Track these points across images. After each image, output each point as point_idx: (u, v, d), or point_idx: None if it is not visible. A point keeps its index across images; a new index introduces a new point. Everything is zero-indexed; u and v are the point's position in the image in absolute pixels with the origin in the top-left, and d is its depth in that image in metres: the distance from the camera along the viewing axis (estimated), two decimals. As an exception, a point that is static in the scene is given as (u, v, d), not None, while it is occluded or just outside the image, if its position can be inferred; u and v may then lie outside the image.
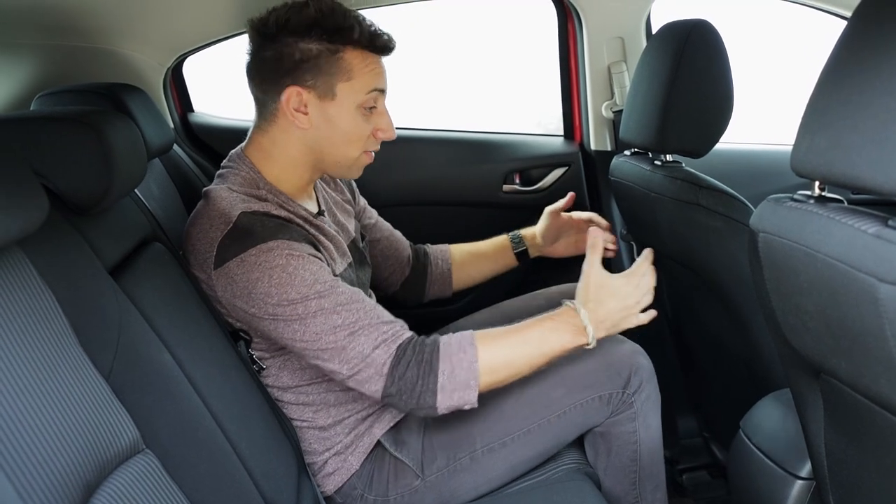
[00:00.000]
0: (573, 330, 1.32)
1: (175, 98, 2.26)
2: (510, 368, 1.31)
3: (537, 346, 1.31)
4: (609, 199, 2.23)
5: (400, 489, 1.41)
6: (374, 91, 1.36)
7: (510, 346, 1.31)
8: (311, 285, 1.25)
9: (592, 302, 1.34)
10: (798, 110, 0.89)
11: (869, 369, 0.82)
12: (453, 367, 1.26)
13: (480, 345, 1.29)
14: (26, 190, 0.85)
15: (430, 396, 1.25)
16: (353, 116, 1.36)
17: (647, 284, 1.38)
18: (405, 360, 1.25)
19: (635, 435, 1.45)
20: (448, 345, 1.28)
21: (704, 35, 1.47)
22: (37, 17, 1.57)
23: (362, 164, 1.44)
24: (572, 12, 2.15)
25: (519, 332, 1.33)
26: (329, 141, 1.37)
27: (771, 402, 1.34)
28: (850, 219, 0.79)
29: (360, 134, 1.38)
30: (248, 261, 1.25)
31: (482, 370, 1.27)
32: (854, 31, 0.82)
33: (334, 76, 1.33)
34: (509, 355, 1.30)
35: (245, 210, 1.29)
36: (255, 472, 1.18)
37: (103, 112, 1.21)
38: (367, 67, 1.34)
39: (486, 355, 1.28)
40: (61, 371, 0.87)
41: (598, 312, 1.33)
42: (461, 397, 1.27)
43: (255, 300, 1.25)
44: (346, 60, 1.32)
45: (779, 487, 1.21)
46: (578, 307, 1.33)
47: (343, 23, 1.31)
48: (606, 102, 2.19)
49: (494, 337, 1.32)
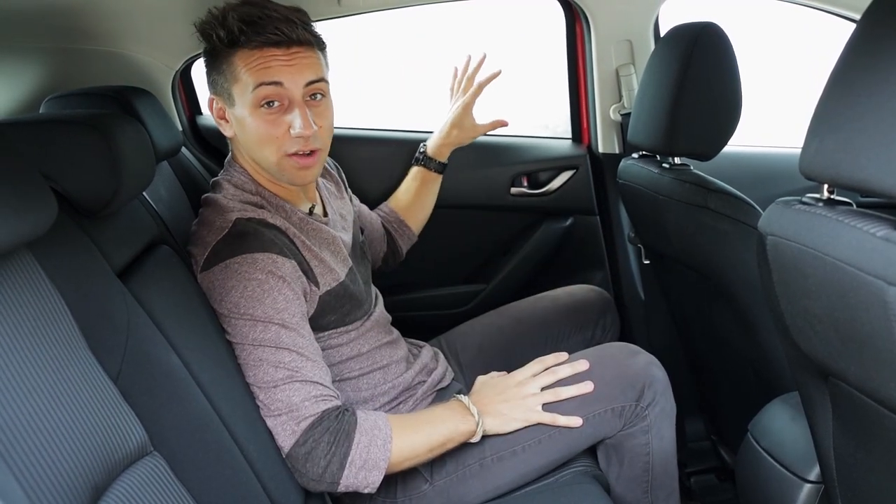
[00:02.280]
0: (462, 416, 1.37)
1: (183, 101, 2.26)
2: (413, 455, 1.32)
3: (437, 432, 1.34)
4: (617, 202, 2.23)
5: (408, 492, 1.41)
6: (262, 86, 1.28)
7: (417, 431, 1.33)
8: (280, 312, 1.26)
9: (476, 395, 1.44)
10: (807, 113, 0.89)
11: (878, 372, 0.81)
12: (369, 442, 1.26)
13: (393, 425, 1.30)
14: (35, 193, 0.85)
15: (336, 468, 1.24)
16: (253, 118, 1.31)
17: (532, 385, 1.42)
18: (324, 425, 1.24)
19: (648, 447, 1.44)
20: (365, 419, 1.28)
21: (713, 38, 1.47)
22: (46, 20, 1.57)
23: (293, 169, 1.35)
24: (580, 15, 2.15)
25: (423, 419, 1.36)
26: (249, 146, 1.36)
27: (779, 405, 1.34)
28: (858, 222, 0.79)
29: (266, 135, 1.32)
30: (231, 268, 1.26)
31: (392, 449, 1.27)
32: (863, 33, 0.81)
33: (228, 80, 1.32)
34: (415, 442, 1.32)
35: (241, 216, 1.31)
36: (262, 474, 1.18)
37: (112, 115, 1.21)
38: (250, 64, 1.29)
39: (397, 439, 1.29)
40: (70, 373, 0.87)
41: (481, 403, 1.40)
42: (365, 477, 1.25)
43: (226, 306, 1.27)
44: (233, 62, 1.30)
45: (787, 491, 1.21)
46: (465, 398, 1.40)
47: (220, 26, 1.29)
48: (614, 105, 2.19)
49: (404, 421, 1.34)
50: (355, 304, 1.46)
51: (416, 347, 1.68)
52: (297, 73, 1.30)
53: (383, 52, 3.49)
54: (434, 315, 2.29)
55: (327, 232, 1.44)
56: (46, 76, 1.79)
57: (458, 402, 1.39)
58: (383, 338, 1.55)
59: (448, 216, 2.30)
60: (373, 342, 1.51)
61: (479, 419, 1.36)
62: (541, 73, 3.50)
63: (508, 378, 1.45)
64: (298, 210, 1.42)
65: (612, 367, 1.43)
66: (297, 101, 1.31)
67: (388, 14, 2.17)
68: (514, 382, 1.43)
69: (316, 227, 1.43)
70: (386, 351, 1.54)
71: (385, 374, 1.52)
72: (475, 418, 1.36)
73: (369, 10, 2.10)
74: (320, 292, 1.37)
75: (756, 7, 2.72)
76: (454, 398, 1.41)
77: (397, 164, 2.13)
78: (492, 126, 1.88)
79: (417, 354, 1.64)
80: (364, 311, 1.50)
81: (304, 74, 1.31)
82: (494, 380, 1.48)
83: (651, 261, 2.04)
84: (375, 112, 3.43)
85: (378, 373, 1.51)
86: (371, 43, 2.52)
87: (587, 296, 1.84)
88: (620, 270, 2.27)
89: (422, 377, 1.58)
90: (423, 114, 3.79)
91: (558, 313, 1.79)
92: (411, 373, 1.56)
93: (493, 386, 1.45)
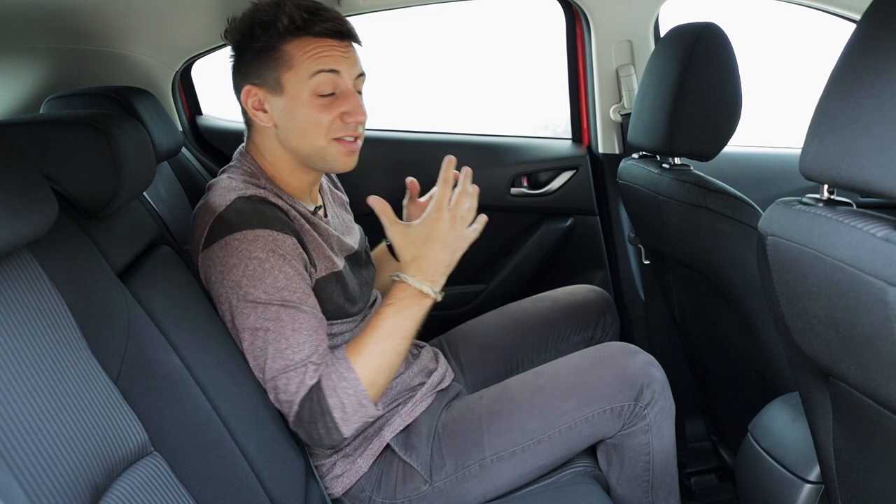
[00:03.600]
0: (415, 299, 1.34)
1: (184, 101, 2.27)
2: (387, 369, 1.34)
3: (398, 335, 1.34)
4: (617, 203, 2.23)
5: (408, 493, 1.41)
6: (320, 73, 1.33)
7: (378, 349, 1.32)
8: (280, 290, 1.26)
9: (413, 262, 1.36)
10: (807, 113, 0.89)
11: (878, 373, 0.81)
12: (341, 399, 1.27)
13: (354, 362, 1.30)
14: (36, 193, 0.85)
15: (335, 433, 1.27)
16: (307, 104, 1.35)
17: (460, 207, 1.36)
18: (305, 406, 1.27)
19: (648, 447, 1.44)
20: (328, 378, 1.28)
21: (713, 38, 1.47)
22: (47, 20, 1.57)
23: (339, 154, 1.39)
24: (580, 15, 2.15)
25: (377, 331, 1.34)
26: (293, 133, 1.38)
27: (779, 405, 1.34)
28: (858, 222, 0.79)
29: (318, 121, 1.35)
30: (230, 244, 1.26)
31: (366, 386, 1.29)
32: (864, 34, 0.81)
33: (278, 69, 1.34)
34: (381, 359, 1.32)
35: (241, 195, 1.32)
36: (262, 475, 1.18)
37: (112, 115, 1.21)
38: (307, 53, 1.33)
39: (363, 370, 1.30)
40: (70, 374, 0.87)
41: (424, 267, 1.35)
42: (362, 417, 1.29)
43: (226, 285, 1.28)
44: (286, 51, 1.33)
45: (787, 491, 1.21)
46: (404, 277, 1.35)
47: (273, 15, 1.33)
48: (614, 105, 2.19)
49: (361, 347, 1.33)
50: (349, 300, 1.45)
51: (415, 347, 1.68)
52: (352, 64, 1.37)
53: (383, 52, 3.50)
54: (434, 315, 2.28)
55: (325, 229, 1.44)
56: (47, 76, 1.79)
57: (400, 289, 1.35)
58: None
59: (448, 216, 2.30)
60: None
61: (429, 289, 1.34)
62: (541, 74, 3.50)
63: (434, 223, 1.35)
64: (302, 204, 1.42)
65: (612, 367, 1.44)
66: (351, 90, 1.38)
67: (387, 14, 2.17)
68: (446, 227, 1.35)
69: (316, 222, 1.43)
70: None
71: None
72: (426, 292, 1.34)
73: (369, 10, 2.11)
74: (317, 275, 1.37)
75: (756, 7, 2.72)
76: (394, 282, 1.37)
77: (404, 167, 2.12)
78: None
79: (417, 355, 1.64)
80: (358, 310, 1.49)
81: (357, 67, 1.39)
82: (415, 230, 1.36)
83: (651, 261, 2.04)
84: (375, 112, 3.44)
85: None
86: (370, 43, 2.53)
87: (587, 296, 1.84)
88: (620, 270, 2.27)
89: (421, 378, 1.58)
90: (423, 114, 3.80)
91: (558, 313, 1.80)
92: (410, 373, 1.55)
93: (424, 241, 1.35)
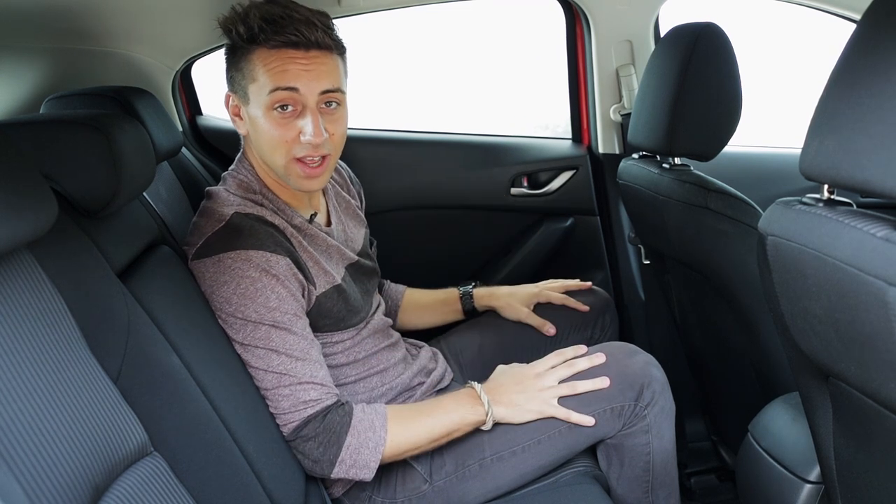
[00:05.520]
0: (474, 408, 1.37)
1: (184, 101, 2.27)
2: (414, 448, 1.35)
3: (440, 424, 1.35)
4: (617, 203, 2.23)
5: (408, 493, 1.41)
6: (278, 90, 1.27)
7: (418, 427, 1.34)
8: (271, 311, 1.26)
9: (496, 384, 1.43)
10: (807, 113, 0.89)
11: (878, 373, 0.81)
12: (359, 445, 1.28)
13: (392, 424, 1.31)
14: (35, 193, 0.85)
15: (327, 466, 1.28)
16: (265, 120, 1.30)
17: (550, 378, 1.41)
18: (311, 426, 1.27)
19: (648, 447, 1.44)
20: (360, 420, 1.29)
21: (713, 38, 1.47)
22: (46, 20, 1.57)
23: (298, 177, 1.34)
24: (580, 15, 2.15)
25: (427, 412, 1.36)
26: (259, 146, 1.36)
27: (779, 405, 1.34)
28: (859, 222, 0.79)
29: (275, 139, 1.31)
30: (224, 262, 1.27)
31: (388, 449, 1.30)
32: (864, 34, 0.81)
33: (245, 78, 1.32)
34: (416, 436, 1.34)
35: (239, 211, 1.32)
36: (262, 475, 1.18)
37: (112, 115, 1.21)
38: (266, 66, 1.28)
39: (396, 437, 1.31)
40: (70, 374, 0.87)
41: (499, 393, 1.40)
42: (356, 474, 1.30)
43: (215, 300, 1.28)
44: (252, 61, 1.29)
45: (787, 491, 1.21)
46: (477, 386, 1.41)
47: (241, 22, 1.28)
48: (615, 105, 2.19)
49: (406, 417, 1.34)
50: (351, 311, 1.46)
51: (414, 348, 1.68)
52: (314, 79, 1.28)
53: (382, 52, 3.49)
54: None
55: (324, 240, 1.45)
56: (47, 76, 1.79)
57: (468, 391, 1.40)
58: (381, 342, 1.55)
59: (448, 216, 2.30)
60: (370, 348, 1.52)
61: (489, 408, 1.37)
62: (541, 74, 3.50)
63: (527, 368, 1.45)
64: (299, 214, 1.42)
65: (611, 367, 1.43)
66: (311, 107, 1.30)
67: (387, 14, 2.17)
68: (533, 373, 1.43)
69: (314, 233, 1.43)
70: (384, 355, 1.54)
71: (382, 378, 1.53)
72: (485, 407, 1.36)
73: (369, 11, 2.11)
74: (317, 292, 1.38)
75: (756, 7, 2.72)
76: (467, 385, 1.42)
77: (404, 168, 2.13)
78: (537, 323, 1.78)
79: (416, 355, 1.64)
80: (360, 319, 1.50)
81: (321, 82, 1.29)
82: (514, 369, 1.47)
83: (651, 261, 2.04)
84: (375, 112, 3.43)
85: (375, 377, 1.52)
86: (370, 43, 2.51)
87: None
88: (620, 270, 2.27)
89: (420, 378, 1.58)
90: (426, 114, 3.80)
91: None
92: (409, 373, 1.56)
93: (511, 375, 1.45)
